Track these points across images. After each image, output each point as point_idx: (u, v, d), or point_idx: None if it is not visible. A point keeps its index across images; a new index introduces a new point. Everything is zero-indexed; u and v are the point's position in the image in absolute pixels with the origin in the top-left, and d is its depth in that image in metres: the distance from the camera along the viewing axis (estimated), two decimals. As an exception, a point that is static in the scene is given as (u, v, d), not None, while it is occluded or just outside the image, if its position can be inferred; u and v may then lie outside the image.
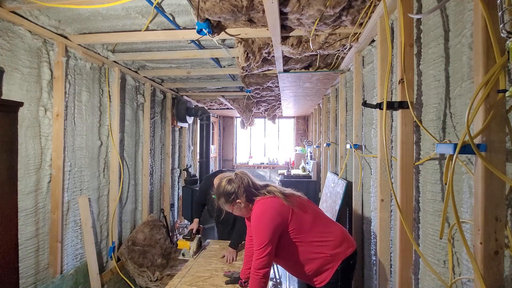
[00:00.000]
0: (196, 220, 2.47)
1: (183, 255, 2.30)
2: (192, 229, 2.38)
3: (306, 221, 1.47)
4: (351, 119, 2.73)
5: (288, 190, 1.56)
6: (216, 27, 2.06)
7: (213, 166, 7.63)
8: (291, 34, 2.17)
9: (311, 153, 6.06)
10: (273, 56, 2.63)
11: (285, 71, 2.96)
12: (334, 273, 1.45)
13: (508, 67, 0.84)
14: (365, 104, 1.54)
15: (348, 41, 2.19)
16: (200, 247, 2.35)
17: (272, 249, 1.40)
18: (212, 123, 6.91)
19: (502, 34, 0.73)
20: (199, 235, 2.39)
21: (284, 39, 2.26)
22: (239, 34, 2.18)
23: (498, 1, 0.74)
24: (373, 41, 2.09)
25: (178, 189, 5.04)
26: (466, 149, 0.82)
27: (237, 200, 1.51)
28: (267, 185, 1.57)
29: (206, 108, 5.55)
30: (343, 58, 2.66)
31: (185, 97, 5.03)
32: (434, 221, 1.24)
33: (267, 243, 1.38)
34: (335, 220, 2.63)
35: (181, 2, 1.90)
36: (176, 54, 2.80)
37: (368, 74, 2.22)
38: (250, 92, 4.35)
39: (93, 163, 2.80)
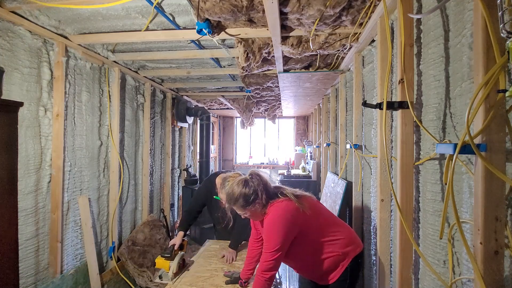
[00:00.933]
0: (180, 234, 2.13)
1: (160, 277, 1.91)
2: (173, 245, 2.01)
3: (319, 222, 1.48)
4: (351, 119, 2.73)
5: (299, 191, 1.54)
6: (216, 27, 2.06)
7: (213, 166, 7.63)
8: (291, 34, 2.17)
9: (311, 153, 6.06)
10: (273, 56, 2.63)
11: (285, 71, 2.96)
12: (343, 271, 1.45)
13: (508, 67, 0.84)
14: (365, 104, 1.54)
15: (348, 41, 2.19)
16: (182, 268, 1.96)
17: (281, 255, 1.39)
18: (212, 123, 6.91)
19: (502, 34, 0.73)
20: (183, 252, 2.00)
21: (284, 39, 2.26)
22: (239, 34, 2.18)
23: (498, 1, 0.74)
24: (373, 41, 2.09)
25: (178, 189, 5.04)
26: (466, 149, 0.82)
27: (257, 201, 1.44)
28: (279, 187, 1.54)
29: (206, 108, 5.55)
30: (343, 58, 2.66)
31: (185, 97, 5.03)
32: (434, 221, 1.24)
33: (278, 248, 1.37)
34: (335, 220, 2.64)
35: (181, 2, 1.90)
36: (176, 54, 2.80)
37: (368, 74, 2.22)
38: (250, 92, 4.35)
39: (93, 163, 2.80)
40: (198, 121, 5.45)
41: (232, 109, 5.93)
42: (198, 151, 5.54)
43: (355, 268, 1.48)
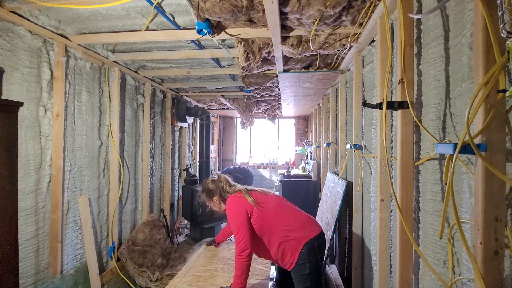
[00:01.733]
0: None
1: None
2: None
3: (268, 211, 1.76)
4: (351, 119, 2.73)
5: (258, 189, 1.89)
6: (216, 27, 2.06)
7: (213, 166, 7.63)
8: (291, 34, 2.17)
9: (311, 153, 6.06)
10: (273, 56, 2.63)
11: (285, 71, 2.96)
12: (299, 255, 1.67)
13: (508, 67, 0.84)
14: (365, 104, 1.54)
15: (348, 41, 2.19)
16: None
17: (246, 233, 1.66)
18: (212, 123, 6.91)
19: (502, 34, 0.73)
20: None
21: (284, 39, 2.26)
22: (239, 34, 2.18)
23: (498, 1, 0.74)
24: (373, 41, 2.09)
25: (178, 189, 5.04)
26: (466, 149, 0.82)
27: (215, 195, 1.87)
28: (235, 186, 1.91)
29: (206, 108, 5.55)
30: (343, 58, 2.66)
31: (185, 97, 5.03)
32: (434, 221, 1.24)
33: (239, 230, 1.67)
34: (335, 220, 2.64)
35: (181, 2, 1.90)
36: (176, 54, 2.80)
37: (368, 74, 2.22)
38: (250, 92, 4.34)
39: (93, 163, 2.80)
40: (198, 121, 5.45)
41: (232, 109, 5.93)
42: (198, 151, 5.54)
43: (312, 251, 1.68)
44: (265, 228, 1.73)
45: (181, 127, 5.08)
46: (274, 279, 2.99)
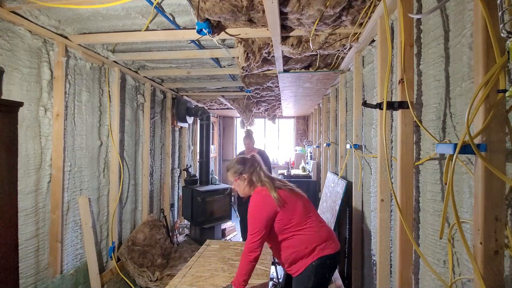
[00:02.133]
0: None
1: None
2: None
3: (293, 215, 1.62)
4: (351, 119, 2.73)
5: (289, 186, 1.73)
6: (216, 27, 2.06)
7: (213, 166, 7.62)
8: (291, 34, 2.17)
9: (311, 153, 6.06)
10: (273, 56, 2.63)
11: (285, 71, 2.96)
12: (308, 266, 1.58)
13: (508, 67, 0.84)
14: (365, 104, 1.54)
15: (348, 41, 2.19)
16: None
17: (262, 236, 1.57)
18: (212, 123, 6.90)
19: (502, 34, 0.73)
20: None
21: (284, 39, 2.26)
22: (239, 34, 2.18)
23: (498, 1, 0.74)
24: (373, 41, 2.09)
25: (178, 189, 5.04)
26: (466, 149, 0.82)
27: (243, 175, 1.73)
28: (272, 178, 1.73)
29: (206, 108, 5.55)
30: (343, 58, 2.66)
31: (185, 97, 5.03)
32: (434, 221, 1.24)
33: (256, 232, 1.57)
34: (335, 220, 2.64)
35: (181, 2, 1.90)
36: (176, 54, 2.80)
37: (368, 74, 2.22)
38: (250, 92, 4.34)
39: (93, 163, 2.80)
40: (198, 121, 5.45)
41: (232, 109, 5.92)
42: (198, 151, 5.53)
43: (321, 266, 1.58)
44: (285, 231, 1.63)
45: (181, 127, 5.08)
46: (274, 279, 2.98)
